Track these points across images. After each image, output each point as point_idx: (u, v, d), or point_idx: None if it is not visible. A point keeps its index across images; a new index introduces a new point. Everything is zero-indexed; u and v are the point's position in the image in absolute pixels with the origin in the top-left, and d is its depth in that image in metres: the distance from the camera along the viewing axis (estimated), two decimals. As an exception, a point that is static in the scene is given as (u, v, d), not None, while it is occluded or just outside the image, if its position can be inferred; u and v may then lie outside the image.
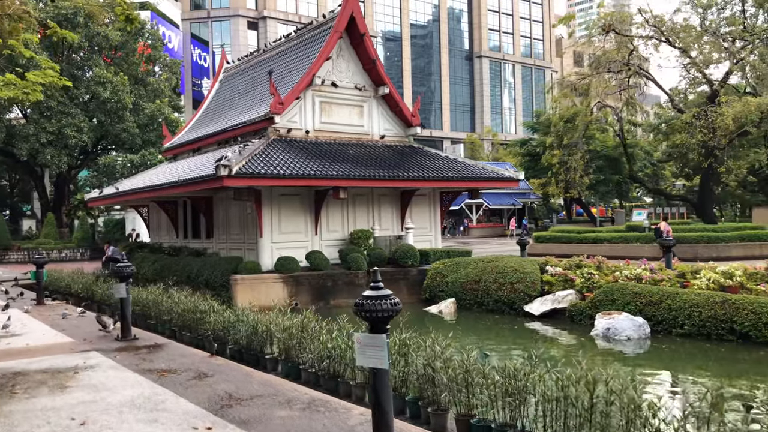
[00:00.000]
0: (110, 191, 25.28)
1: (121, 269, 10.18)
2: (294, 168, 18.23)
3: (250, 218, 20.17)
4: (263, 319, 9.89)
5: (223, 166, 16.78)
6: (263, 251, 19.49)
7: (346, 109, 22.18)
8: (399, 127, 23.40)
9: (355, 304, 4.53)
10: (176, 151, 27.23)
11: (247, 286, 17.97)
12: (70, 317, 13.14)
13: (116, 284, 10.26)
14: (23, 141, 38.26)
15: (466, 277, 16.98)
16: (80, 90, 40.55)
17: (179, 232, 24.96)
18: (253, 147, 18.71)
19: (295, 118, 21.03)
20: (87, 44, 41.07)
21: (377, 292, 4.41)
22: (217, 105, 27.70)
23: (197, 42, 73.87)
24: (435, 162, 22.23)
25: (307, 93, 21.22)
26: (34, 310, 14.49)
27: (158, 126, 43.30)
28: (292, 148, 20.00)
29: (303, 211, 20.36)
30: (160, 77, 47.11)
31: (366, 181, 19.33)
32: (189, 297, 12.56)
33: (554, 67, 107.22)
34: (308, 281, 18.39)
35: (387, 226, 21.98)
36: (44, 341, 10.36)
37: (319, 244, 20.57)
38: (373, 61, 22.11)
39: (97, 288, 17.27)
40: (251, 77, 25.94)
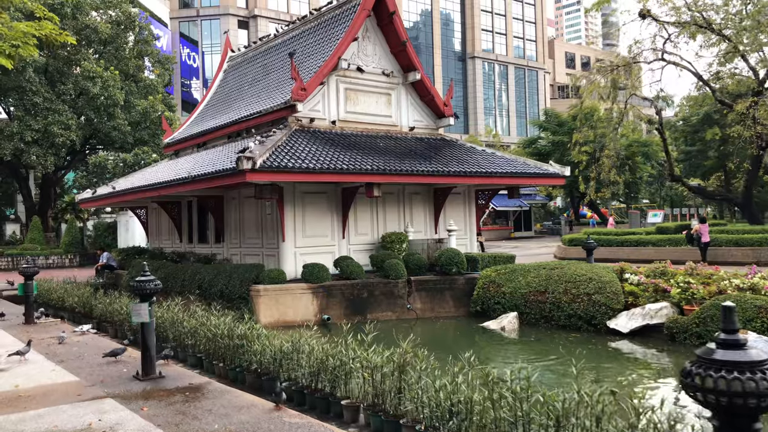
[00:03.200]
0: (106, 191, 22.68)
1: (142, 285, 7.73)
2: (323, 161, 15.84)
3: (270, 220, 17.73)
4: (332, 351, 7.48)
5: (246, 158, 14.33)
6: (286, 257, 17.05)
7: (372, 97, 19.81)
8: (429, 118, 21.07)
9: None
10: (178, 147, 24.69)
11: (271, 299, 15.51)
12: (68, 341, 10.63)
13: (136, 305, 7.80)
14: (6, 140, 35.45)
15: (528, 286, 14.65)
16: (68, 86, 37.82)
17: (183, 235, 22.41)
18: (276, 138, 16.29)
19: (317, 107, 18.63)
20: (75, 37, 38.32)
21: None
22: (222, 96, 25.20)
23: (186, 41, 71.25)
24: (472, 156, 19.92)
25: (331, 78, 18.84)
26: (23, 331, 11.95)
27: (151, 124, 40.67)
28: (317, 139, 17.60)
29: (329, 211, 17.95)
30: (152, 73, 44.47)
31: (404, 176, 16.97)
32: (220, 316, 10.10)
33: (547, 68, 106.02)
34: (341, 292, 15.96)
35: (419, 228, 19.62)
36: (40, 380, 7.87)
37: (347, 248, 18.16)
38: (403, 43, 19.77)
39: (97, 302, 14.72)
40: (262, 64, 23.48)
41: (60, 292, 17.37)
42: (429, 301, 16.33)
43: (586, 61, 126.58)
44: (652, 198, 65.59)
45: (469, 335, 14.02)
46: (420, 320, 15.90)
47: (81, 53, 38.39)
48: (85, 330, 11.29)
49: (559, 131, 50.71)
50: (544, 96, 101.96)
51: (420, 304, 16.28)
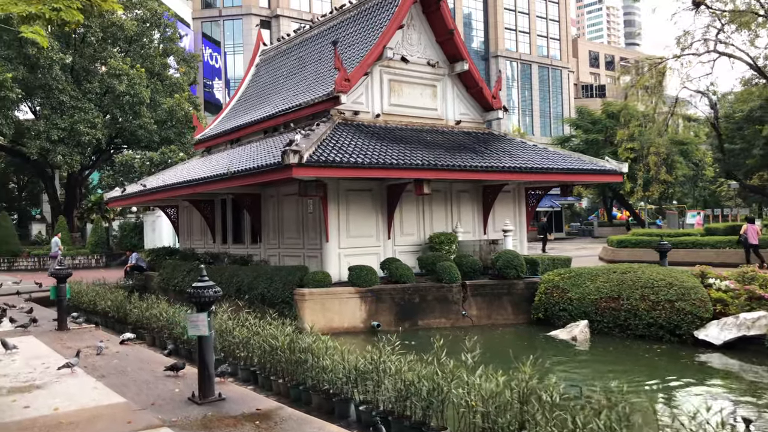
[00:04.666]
0: (136, 189, 21.78)
1: (201, 292, 6.65)
2: (371, 156, 14.72)
3: (312, 219, 16.65)
4: (426, 372, 6.34)
5: (293, 151, 13.26)
6: (329, 259, 15.96)
7: (417, 88, 18.66)
8: (476, 111, 19.87)
9: None
10: (210, 144, 23.75)
11: (317, 303, 14.43)
12: (106, 352, 9.62)
13: (192, 315, 6.72)
14: (33, 139, 34.89)
15: (598, 292, 13.38)
16: (94, 84, 37.20)
17: (216, 236, 21.43)
18: (320, 132, 15.21)
19: (361, 99, 17.53)
20: (101, 34, 37.70)
21: None
22: (256, 91, 24.23)
23: (209, 42, 70.80)
24: (524, 151, 18.69)
25: (374, 69, 17.73)
26: (56, 339, 10.98)
27: (177, 123, 39.92)
28: (362, 133, 16.50)
29: (374, 210, 16.83)
30: (177, 71, 43.75)
31: (456, 172, 15.82)
32: (278, 326, 9.00)
33: (571, 67, 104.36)
34: (391, 297, 14.81)
35: (468, 228, 18.42)
36: (81, 401, 6.84)
37: (392, 250, 17.03)
38: (450, 31, 18.61)
39: (132, 306, 13.75)
40: (297, 57, 22.45)
41: (91, 295, 16.47)
42: (486, 307, 15.13)
43: (610, 60, 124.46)
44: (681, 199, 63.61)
45: (536, 346, 12.80)
46: (476, 328, 14.70)
47: (107, 51, 37.77)
48: (126, 339, 10.25)
49: (592, 129, 49.18)
50: (568, 95, 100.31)
51: (476, 311, 15.09)
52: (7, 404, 6.76)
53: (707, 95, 27.21)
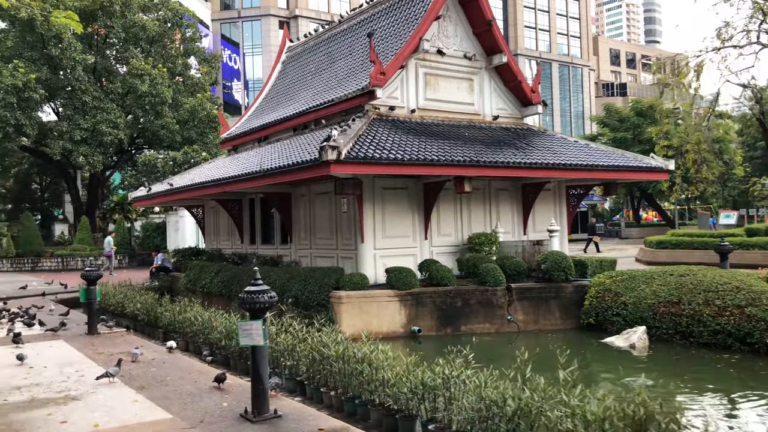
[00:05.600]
0: (162, 188, 21.28)
1: (254, 297, 6.00)
2: (410, 153, 14.04)
3: (346, 218, 15.99)
4: (513, 391, 5.61)
5: (331, 147, 12.61)
6: (364, 260, 15.28)
7: (453, 82, 17.94)
8: (514, 106, 19.10)
9: None
10: (236, 142, 23.20)
11: (354, 306, 13.75)
12: (143, 359, 9.01)
13: (245, 323, 6.06)
14: (56, 139, 34.66)
15: (656, 296, 12.55)
16: (116, 84, 36.91)
17: (244, 236, 20.85)
18: (357, 127, 14.55)
19: (396, 93, 16.85)
20: (123, 35, 37.41)
21: None
22: (282, 88, 23.65)
23: (227, 43, 70.70)
24: (565, 147, 17.89)
25: (410, 62, 17.03)
26: (87, 344, 10.41)
27: (199, 122, 39.53)
28: (398, 129, 15.81)
29: (410, 209, 16.13)
30: (198, 71, 43.38)
31: (499, 169, 15.07)
32: (329, 333, 8.33)
33: (591, 65, 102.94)
34: (432, 300, 14.09)
35: (507, 228, 17.65)
36: (123, 416, 6.21)
37: (429, 251, 16.32)
38: (488, 22, 17.85)
39: (163, 309, 13.17)
40: (326, 53, 21.83)
41: (118, 296, 15.93)
42: (532, 311, 14.35)
43: (631, 58, 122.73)
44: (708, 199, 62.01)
45: (592, 354, 12.01)
46: (523, 333, 13.95)
47: (129, 51, 37.46)
48: (170, 347, 9.63)
49: (619, 128, 48.03)
50: (589, 94, 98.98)
51: (522, 316, 14.32)
52: (43, 419, 6.16)
53: (753, 89, 26.08)
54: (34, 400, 6.86)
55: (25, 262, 32.74)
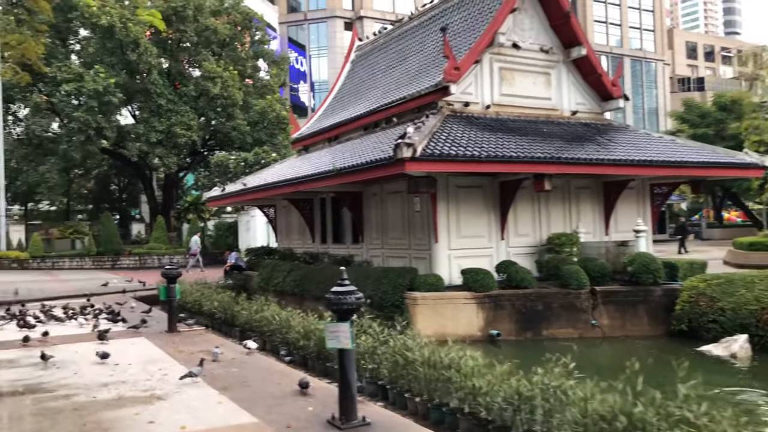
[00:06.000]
0: (236, 188, 21.57)
1: (341, 298, 5.74)
2: (487, 149, 13.57)
3: (419, 218, 15.65)
4: (626, 407, 5.12)
5: (406, 144, 12.30)
6: (438, 261, 14.90)
7: (529, 77, 17.32)
8: (593, 100, 18.27)
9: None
10: (307, 142, 23.29)
11: (429, 308, 13.40)
12: (223, 358, 8.95)
13: (332, 325, 5.81)
14: (133, 141, 35.97)
15: (758, 302, 11.62)
16: (189, 87, 37.96)
17: (315, 235, 20.86)
18: (431, 124, 14.20)
19: (470, 89, 16.39)
20: (195, 38, 38.44)
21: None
22: (352, 87, 23.56)
23: (294, 46, 71.71)
24: (650, 143, 16.97)
25: (485, 57, 16.54)
26: (168, 341, 10.48)
27: (268, 124, 40.17)
28: (473, 125, 15.36)
29: (486, 208, 15.63)
30: (267, 73, 44.10)
31: (582, 166, 14.44)
32: (414, 336, 8.01)
33: (666, 59, 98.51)
34: (511, 303, 13.57)
35: (588, 228, 16.87)
36: (209, 419, 6.07)
37: (506, 251, 15.77)
38: (566, 14, 17.15)
39: (240, 308, 13.21)
40: (397, 50, 21.57)
41: (195, 295, 16.16)
42: (618, 316, 13.60)
43: (709, 51, 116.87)
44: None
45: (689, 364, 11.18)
46: (608, 339, 13.24)
47: (201, 55, 38.44)
48: (251, 348, 9.55)
49: (700, 123, 45.65)
50: (664, 89, 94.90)
51: (607, 320, 13.59)
52: (131, 417, 6.10)
53: None
54: (121, 399, 6.85)
55: (105, 260, 34.04)
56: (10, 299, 17.36)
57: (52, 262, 33.44)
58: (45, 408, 6.50)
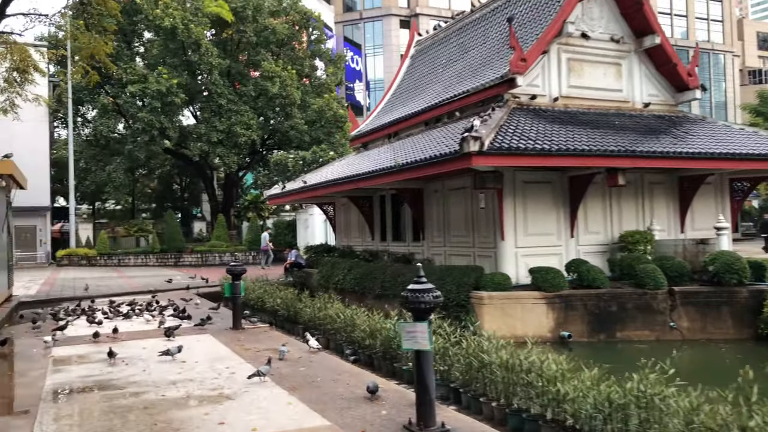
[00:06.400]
0: (296, 186, 21.56)
1: (419, 296, 5.39)
2: (556, 143, 12.99)
3: (484, 215, 15.16)
4: (744, 421, 4.59)
5: (473, 138, 11.87)
6: (505, 259, 14.37)
7: (599, 68, 16.57)
8: (667, 92, 17.36)
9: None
10: (366, 139, 23.09)
11: (497, 308, 12.91)
12: (290, 357, 8.75)
13: (408, 325, 5.48)
14: (195, 141, 36.69)
15: None
16: (248, 87, 38.44)
17: (375, 233, 20.63)
18: (497, 117, 13.71)
19: (537, 81, 15.79)
20: (254, 39, 38.87)
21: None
22: (411, 83, 23.22)
23: (350, 45, 71.90)
24: (730, 135, 15.95)
25: (552, 48, 15.91)
26: (233, 339, 10.39)
27: (326, 122, 40.26)
28: (541, 118, 14.77)
29: (554, 205, 15.00)
30: (324, 72, 44.26)
31: (659, 160, 13.68)
32: (489, 337, 7.60)
33: (735, 51, 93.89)
34: (583, 304, 12.95)
35: (662, 225, 16.00)
36: (280, 421, 5.84)
37: (575, 249, 15.10)
38: (638, 1, 16.33)
39: (303, 305, 13.07)
40: (458, 43, 21.10)
41: (258, 291, 16.16)
42: (699, 318, 12.78)
43: None
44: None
45: None
46: (688, 343, 12.44)
47: (260, 55, 38.85)
48: (314, 347, 9.34)
49: (778, 116, 43.28)
50: (733, 82, 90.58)
51: (686, 323, 12.79)
52: (201, 418, 5.93)
53: None
54: (189, 397, 6.71)
55: (169, 257, 34.81)
56: (80, 295, 17.81)
57: (118, 259, 34.45)
58: (115, 405, 6.42)
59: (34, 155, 36.27)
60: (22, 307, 15.79)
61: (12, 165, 14.76)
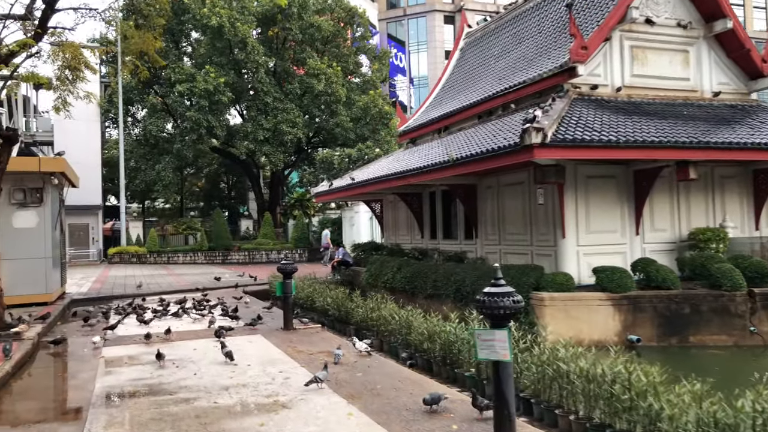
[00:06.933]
0: (343, 183, 21.18)
1: (495, 300, 4.83)
2: (625, 134, 12.19)
3: (542, 211, 14.42)
4: None
5: (535, 129, 11.19)
6: (566, 258, 13.61)
7: (665, 55, 15.59)
8: (739, 79, 16.24)
9: None
10: (414, 134, 22.53)
11: (559, 310, 12.19)
12: (345, 361, 8.29)
13: (484, 332, 4.91)
14: (242, 139, 36.79)
15: None
16: (294, 85, 38.32)
17: (425, 230, 20.06)
18: (558, 108, 12.96)
19: (598, 70, 14.93)
20: (300, 36, 38.72)
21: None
22: (461, 76, 22.55)
23: (393, 42, 71.35)
24: (812, 125, 14.76)
25: (614, 35, 15.01)
26: (285, 340, 9.99)
27: (371, 119, 39.84)
28: (604, 109, 13.94)
29: (618, 200, 14.15)
30: (369, 69, 43.85)
31: (733, 152, 12.75)
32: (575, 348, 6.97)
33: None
34: (652, 306, 12.11)
35: (735, 222, 14.94)
36: (341, 434, 5.36)
37: (640, 248, 14.22)
38: (708, -17, 15.29)
39: (355, 305, 12.61)
40: (511, 34, 20.33)
41: (307, 290, 15.80)
42: (783, 322, 11.82)
43: None
44: None
45: None
46: (771, 349, 11.49)
47: (306, 52, 38.69)
48: (363, 350, 8.85)
49: None
50: None
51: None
52: (256, 429, 5.51)
53: None
54: (243, 405, 6.31)
55: (216, 255, 34.98)
56: (131, 293, 17.82)
57: (167, 257, 34.80)
58: (166, 413, 6.05)
59: (87, 154, 37.03)
60: (75, 305, 15.84)
61: (64, 162, 14.77)
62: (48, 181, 14.60)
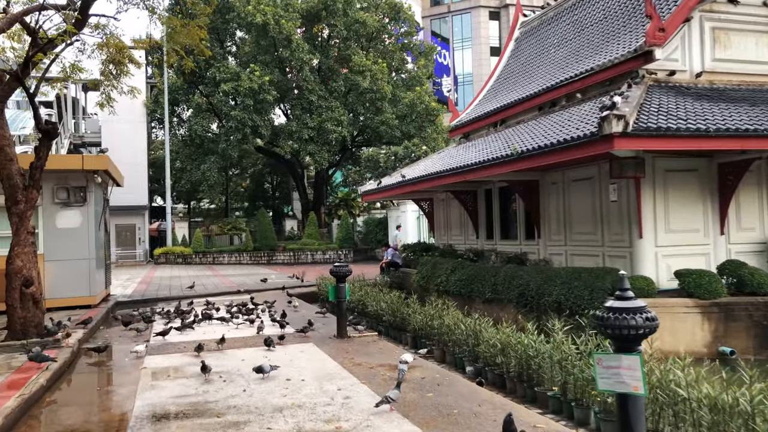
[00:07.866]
0: (392, 181, 20.25)
1: (620, 319, 3.78)
2: (712, 122, 10.91)
3: (615, 209, 13.18)
4: None
5: (616, 116, 10.02)
6: (643, 260, 12.36)
7: (750, 37, 14.14)
8: (834, 63, 14.65)
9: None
10: (467, 129, 21.42)
11: (640, 318, 10.94)
12: (410, 377, 7.32)
13: (607, 357, 3.88)
14: (286, 139, 36.31)
15: None
16: (338, 82, 37.64)
17: (480, 230, 18.96)
18: (635, 95, 11.73)
19: (675, 55, 13.60)
20: (345, 33, 38.02)
21: None
22: (517, 67, 21.35)
23: (437, 39, 70.16)
24: None
25: (693, 16, 13.66)
26: (340, 350, 9.10)
27: (417, 116, 38.86)
28: (685, 96, 12.63)
29: (701, 196, 12.82)
30: (415, 64, 42.86)
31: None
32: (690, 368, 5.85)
33: None
34: (747, 314, 10.81)
35: (832, 220, 13.42)
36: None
37: (725, 248, 12.85)
38: (801, -45, 13.77)
39: (411, 311, 11.65)
40: (571, 21, 19.06)
41: (358, 293, 14.93)
42: None
43: None
44: None
45: None
46: None
47: (351, 49, 37.98)
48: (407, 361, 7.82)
49: None
50: None
51: None
52: (317, 467, 4.59)
53: None
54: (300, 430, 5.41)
55: (262, 255, 34.56)
56: (176, 295, 17.29)
57: (213, 257, 34.54)
58: (213, 441, 5.21)
59: (133, 155, 37.13)
60: (119, 307, 15.36)
61: (107, 160, 14.27)
62: (92, 180, 14.11)
